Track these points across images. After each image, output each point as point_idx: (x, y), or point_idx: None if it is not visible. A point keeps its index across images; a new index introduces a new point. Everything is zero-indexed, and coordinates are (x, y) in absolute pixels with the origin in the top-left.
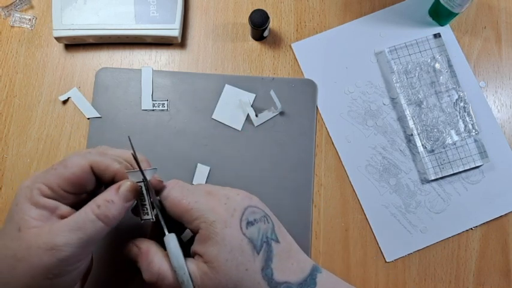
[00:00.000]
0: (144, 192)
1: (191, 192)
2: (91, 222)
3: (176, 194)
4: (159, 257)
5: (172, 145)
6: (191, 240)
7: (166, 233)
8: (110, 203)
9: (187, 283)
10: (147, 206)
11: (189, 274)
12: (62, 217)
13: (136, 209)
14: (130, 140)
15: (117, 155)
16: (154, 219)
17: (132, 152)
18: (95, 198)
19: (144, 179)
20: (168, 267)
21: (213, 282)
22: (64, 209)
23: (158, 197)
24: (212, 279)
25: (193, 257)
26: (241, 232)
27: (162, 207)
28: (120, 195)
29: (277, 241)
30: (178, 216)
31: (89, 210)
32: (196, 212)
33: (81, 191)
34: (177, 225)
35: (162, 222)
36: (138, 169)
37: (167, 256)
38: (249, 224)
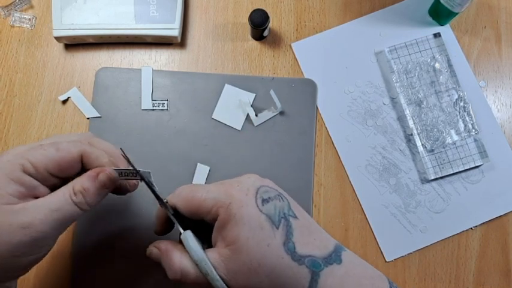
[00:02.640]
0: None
1: (201, 187)
2: (68, 205)
3: (187, 192)
4: (178, 254)
5: (172, 145)
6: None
7: (182, 231)
8: (87, 191)
9: (211, 273)
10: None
11: (212, 264)
12: (38, 198)
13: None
14: (123, 151)
15: (104, 149)
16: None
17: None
18: (73, 182)
19: (142, 179)
20: (189, 262)
21: (237, 264)
22: (42, 189)
23: (166, 200)
24: (235, 262)
25: (214, 247)
26: (258, 209)
27: (175, 211)
28: (97, 184)
29: (295, 217)
30: (194, 211)
31: (67, 195)
32: (211, 200)
33: (64, 176)
34: (194, 228)
35: (176, 222)
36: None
37: (187, 252)
38: (264, 201)
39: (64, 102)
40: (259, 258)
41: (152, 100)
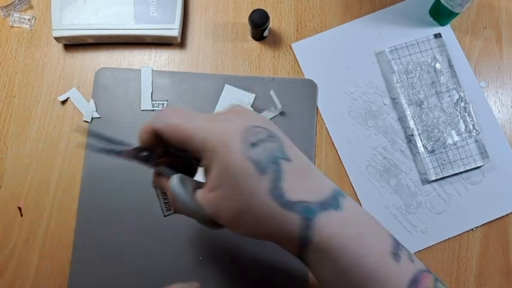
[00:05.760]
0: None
1: (192, 118)
2: None
3: (177, 121)
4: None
5: None
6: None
7: (171, 178)
8: None
9: (198, 216)
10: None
11: (199, 206)
12: None
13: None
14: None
15: None
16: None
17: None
18: None
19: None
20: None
21: (221, 211)
22: None
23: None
24: (219, 207)
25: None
26: (244, 155)
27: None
28: None
29: (288, 160)
30: (179, 143)
31: None
32: (199, 139)
33: None
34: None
35: (163, 170)
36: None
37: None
38: (253, 145)
39: (63, 102)
40: (243, 206)
41: (152, 100)
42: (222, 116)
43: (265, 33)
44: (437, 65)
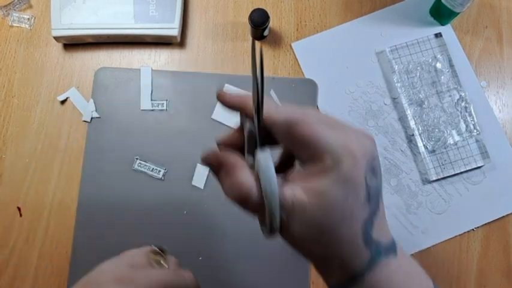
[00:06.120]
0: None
1: (317, 120)
2: None
3: (305, 124)
4: (247, 176)
5: (172, 145)
6: None
7: (259, 149)
8: None
9: (274, 212)
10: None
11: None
12: None
13: None
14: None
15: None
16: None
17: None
18: None
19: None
20: (257, 189)
21: (304, 217)
22: None
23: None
24: (305, 213)
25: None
26: (364, 178)
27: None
28: None
29: (382, 200)
30: (298, 146)
31: None
32: (324, 146)
33: None
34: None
35: (257, 135)
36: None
37: (256, 176)
38: (374, 172)
39: (63, 102)
40: (332, 223)
41: (151, 100)
42: (351, 129)
43: (265, 33)
44: (438, 65)
